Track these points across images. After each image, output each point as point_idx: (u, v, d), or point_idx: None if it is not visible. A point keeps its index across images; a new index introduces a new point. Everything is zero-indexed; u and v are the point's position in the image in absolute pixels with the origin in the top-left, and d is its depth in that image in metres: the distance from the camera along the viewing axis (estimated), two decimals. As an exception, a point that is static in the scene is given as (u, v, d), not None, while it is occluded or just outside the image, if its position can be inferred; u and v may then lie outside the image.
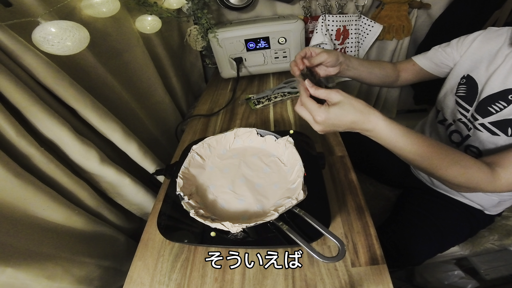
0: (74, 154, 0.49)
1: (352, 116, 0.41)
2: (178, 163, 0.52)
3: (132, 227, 0.66)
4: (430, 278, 0.88)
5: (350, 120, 0.41)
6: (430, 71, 0.68)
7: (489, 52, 0.55)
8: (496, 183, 0.43)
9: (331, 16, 0.99)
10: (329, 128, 0.43)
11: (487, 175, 0.43)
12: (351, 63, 0.63)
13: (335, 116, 0.41)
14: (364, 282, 0.39)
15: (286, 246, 0.43)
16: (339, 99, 0.41)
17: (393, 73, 0.72)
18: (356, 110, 0.41)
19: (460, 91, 0.60)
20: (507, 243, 0.72)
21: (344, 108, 0.41)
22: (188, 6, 0.87)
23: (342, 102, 0.41)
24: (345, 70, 0.62)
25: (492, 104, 0.51)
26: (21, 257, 0.39)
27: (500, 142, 0.51)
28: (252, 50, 0.92)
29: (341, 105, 0.41)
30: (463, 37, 0.62)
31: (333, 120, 0.41)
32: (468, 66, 0.59)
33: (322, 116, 0.41)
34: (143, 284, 0.42)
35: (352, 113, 0.41)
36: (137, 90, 0.76)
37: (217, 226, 0.38)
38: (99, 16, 0.58)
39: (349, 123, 0.41)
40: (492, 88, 0.52)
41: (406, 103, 1.35)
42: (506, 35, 0.54)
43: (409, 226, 0.65)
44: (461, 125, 0.60)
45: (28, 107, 0.41)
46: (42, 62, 0.43)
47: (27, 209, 0.40)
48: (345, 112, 0.41)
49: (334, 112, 0.41)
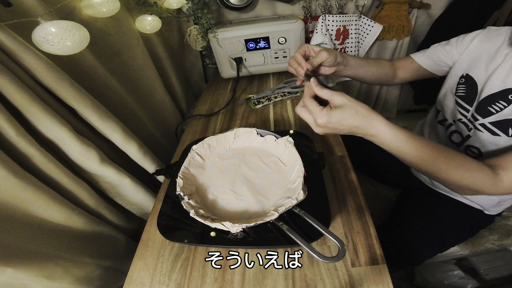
0: (74, 154, 0.49)
1: (354, 121, 0.40)
2: (178, 163, 0.52)
3: (132, 227, 0.66)
4: (430, 278, 0.88)
5: (352, 124, 0.40)
6: (429, 69, 0.68)
7: (488, 51, 0.55)
8: (499, 186, 0.42)
9: (331, 16, 0.99)
10: (330, 131, 0.43)
11: (490, 178, 0.42)
12: (348, 62, 0.62)
13: (337, 120, 0.40)
14: (364, 282, 0.39)
15: (286, 246, 0.43)
16: (342, 102, 0.40)
17: (390, 71, 0.71)
18: (358, 115, 0.40)
19: (460, 91, 0.60)
20: (507, 243, 0.72)
21: (346, 112, 0.40)
22: (188, 6, 0.87)
23: (345, 106, 0.40)
24: (342, 70, 0.62)
25: (492, 104, 0.51)
26: (21, 257, 0.39)
27: (501, 143, 0.51)
28: (252, 50, 0.92)
29: (343, 109, 0.40)
30: (463, 36, 0.62)
31: (335, 124, 0.41)
32: (467, 65, 0.59)
33: (323, 119, 0.41)
34: (143, 284, 0.42)
35: (355, 117, 0.40)
36: (137, 90, 0.76)
37: (217, 226, 0.38)
38: (99, 16, 0.58)
39: (351, 127, 0.41)
40: (492, 88, 0.52)
41: (406, 103, 1.35)
42: (505, 34, 0.54)
43: (409, 226, 0.65)
44: (461, 126, 0.59)
45: (28, 107, 0.41)
46: (42, 62, 0.43)
47: (27, 209, 0.40)
48: (347, 116, 0.40)
49: (336, 116, 0.40)
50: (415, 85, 1.25)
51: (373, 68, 0.68)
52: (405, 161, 0.44)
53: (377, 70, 0.69)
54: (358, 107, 0.40)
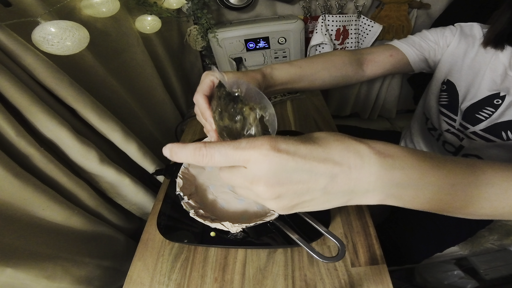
0: (73, 154, 0.49)
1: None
2: (177, 163, 0.52)
3: (132, 227, 0.66)
4: (429, 278, 0.88)
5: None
6: (412, 63, 0.58)
7: (465, 52, 0.52)
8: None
9: (331, 16, 0.99)
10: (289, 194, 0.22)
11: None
12: (274, 79, 0.46)
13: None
14: (364, 282, 0.39)
15: (286, 246, 0.43)
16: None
17: (352, 70, 0.56)
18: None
19: (443, 100, 0.57)
20: (507, 243, 0.72)
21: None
22: (188, 6, 0.87)
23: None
24: (268, 92, 0.46)
25: (480, 111, 0.50)
26: (21, 257, 0.39)
27: (499, 148, 0.50)
28: (252, 50, 0.92)
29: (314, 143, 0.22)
30: (441, 32, 0.56)
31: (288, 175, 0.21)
32: (447, 69, 0.56)
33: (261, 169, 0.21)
34: (142, 284, 0.42)
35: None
36: (137, 90, 0.76)
37: (217, 226, 0.38)
38: (99, 16, 0.58)
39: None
40: (475, 95, 0.51)
41: (406, 103, 1.35)
42: (478, 34, 0.52)
43: (408, 225, 0.65)
44: (450, 136, 0.57)
45: (28, 107, 0.41)
46: (42, 62, 0.43)
47: (26, 209, 0.40)
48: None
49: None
50: (415, 85, 1.25)
51: (323, 73, 0.53)
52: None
53: (329, 75, 0.53)
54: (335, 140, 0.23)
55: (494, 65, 0.49)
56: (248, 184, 0.21)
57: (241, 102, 0.23)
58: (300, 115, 0.78)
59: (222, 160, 0.21)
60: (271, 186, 0.20)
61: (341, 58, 0.54)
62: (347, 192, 0.22)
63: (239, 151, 0.20)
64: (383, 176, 0.21)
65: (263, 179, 0.20)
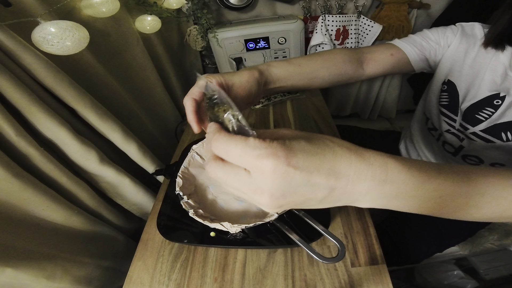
0: (73, 154, 0.49)
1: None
2: (177, 163, 0.52)
3: (131, 227, 0.66)
4: (429, 278, 0.88)
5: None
6: (413, 63, 0.58)
7: (466, 52, 0.52)
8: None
9: (331, 16, 0.99)
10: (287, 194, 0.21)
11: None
12: (272, 76, 0.45)
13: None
14: (363, 282, 0.39)
15: (286, 246, 0.43)
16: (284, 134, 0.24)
17: (351, 69, 0.54)
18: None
19: (443, 100, 0.57)
20: (507, 243, 0.72)
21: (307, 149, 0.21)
22: (188, 6, 0.87)
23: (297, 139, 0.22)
24: (267, 90, 0.45)
25: (480, 112, 0.50)
26: (21, 257, 0.39)
27: (498, 149, 0.50)
28: (251, 50, 0.92)
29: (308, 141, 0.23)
30: (442, 31, 0.56)
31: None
32: (447, 69, 0.56)
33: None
34: (142, 284, 0.42)
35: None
36: (137, 90, 0.76)
37: (216, 227, 0.38)
38: (98, 16, 0.58)
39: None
40: (475, 95, 0.51)
41: (406, 103, 1.35)
42: (479, 34, 0.51)
43: (408, 225, 0.65)
44: (451, 137, 0.57)
45: (27, 107, 0.41)
46: (42, 62, 0.43)
47: (26, 209, 0.40)
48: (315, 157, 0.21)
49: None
50: (415, 85, 1.25)
51: (322, 71, 0.52)
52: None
53: (329, 74, 0.52)
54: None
55: (494, 66, 0.49)
56: (250, 192, 0.21)
57: (217, 105, 0.26)
58: (300, 115, 0.78)
59: (238, 154, 0.20)
60: (275, 199, 0.21)
61: (341, 56, 0.54)
62: (339, 201, 0.23)
63: (256, 151, 0.19)
64: (374, 190, 0.22)
65: (268, 192, 0.20)
